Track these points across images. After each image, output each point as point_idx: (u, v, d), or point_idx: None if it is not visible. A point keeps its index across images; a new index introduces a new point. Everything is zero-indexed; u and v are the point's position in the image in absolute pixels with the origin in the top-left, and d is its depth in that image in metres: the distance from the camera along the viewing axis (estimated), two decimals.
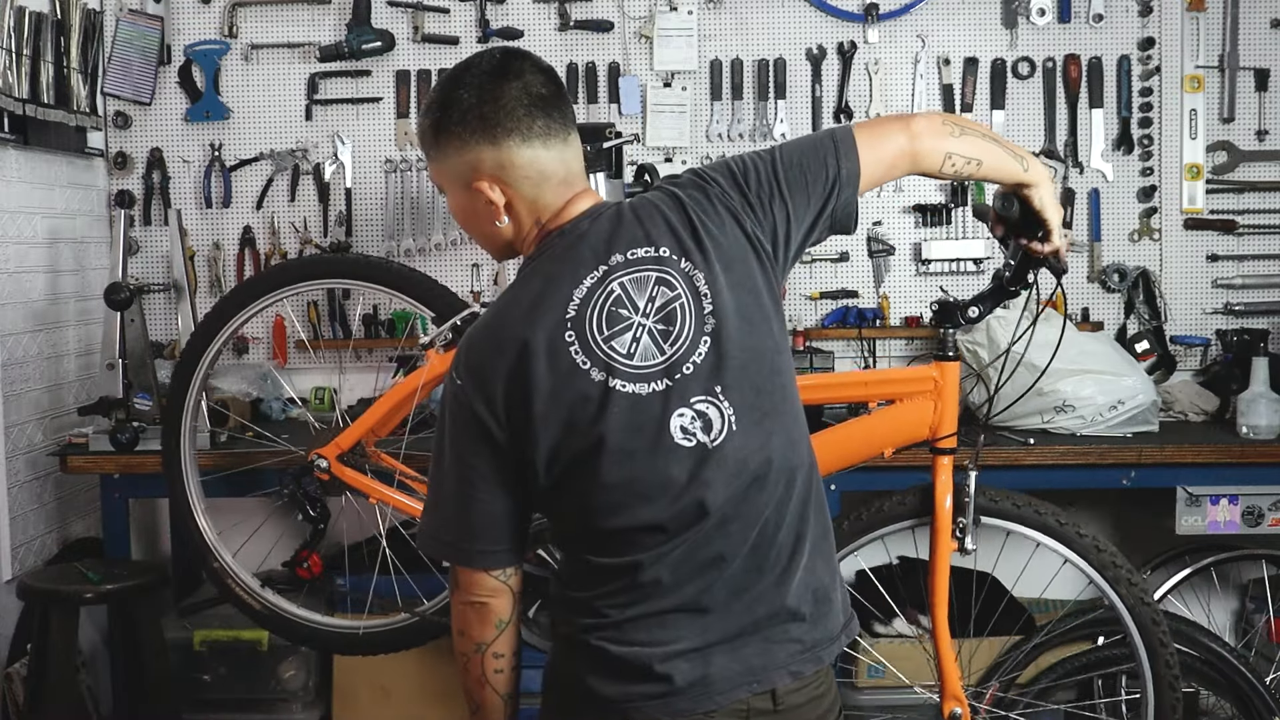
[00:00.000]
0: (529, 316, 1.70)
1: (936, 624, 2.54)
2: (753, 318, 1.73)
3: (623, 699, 1.70)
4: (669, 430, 1.67)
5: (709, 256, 1.73)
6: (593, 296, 1.70)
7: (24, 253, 3.38)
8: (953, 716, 2.51)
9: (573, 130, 1.79)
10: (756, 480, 1.70)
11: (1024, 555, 3.03)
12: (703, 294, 1.71)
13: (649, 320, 1.70)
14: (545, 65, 1.80)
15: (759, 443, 1.70)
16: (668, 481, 1.67)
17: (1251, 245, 3.81)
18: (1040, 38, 3.79)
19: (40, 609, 3.13)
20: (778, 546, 1.72)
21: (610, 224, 1.76)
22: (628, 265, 1.72)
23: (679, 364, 1.69)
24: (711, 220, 1.76)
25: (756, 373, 1.72)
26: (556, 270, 1.74)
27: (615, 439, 1.66)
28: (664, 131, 3.79)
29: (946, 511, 2.51)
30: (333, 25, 3.80)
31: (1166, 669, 2.61)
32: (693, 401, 1.68)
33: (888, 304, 3.82)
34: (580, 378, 1.67)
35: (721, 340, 1.70)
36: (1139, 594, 2.58)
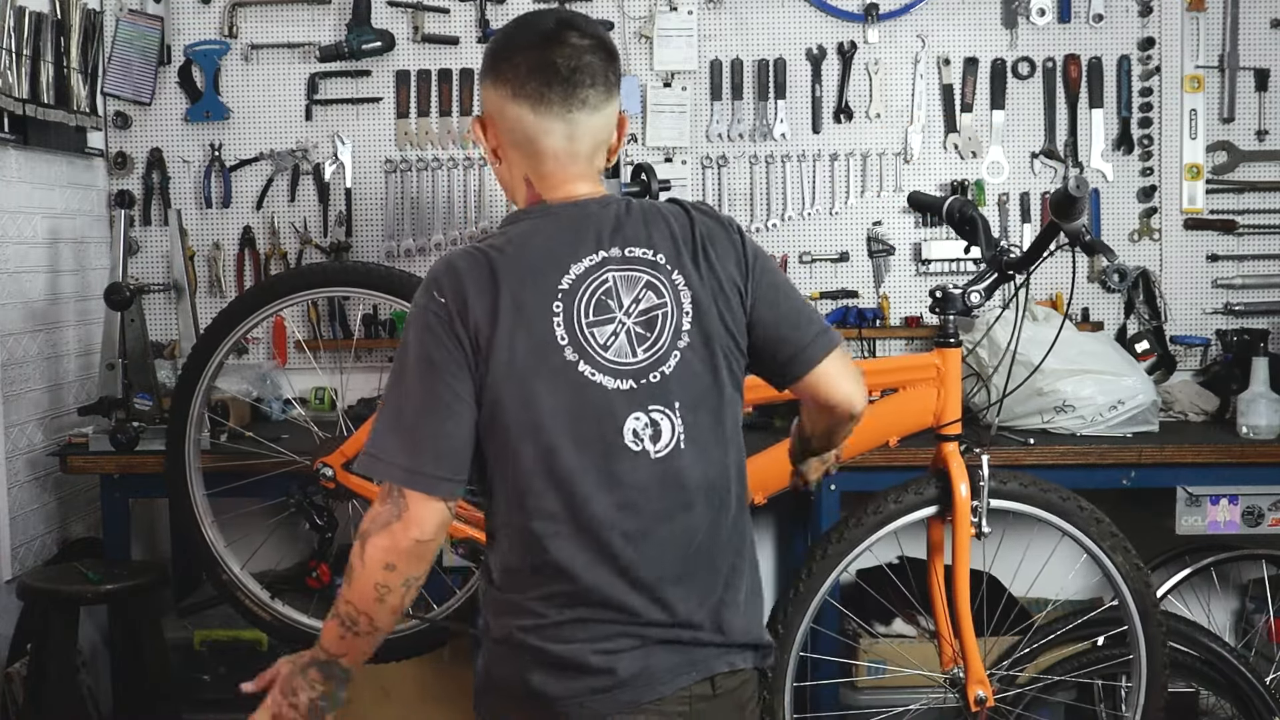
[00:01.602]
0: (523, 267, 1.71)
1: (959, 611, 2.54)
2: (721, 350, 1.76)
3: (569, 695, 1.71)
4: (623, 430, 1.70)
5: (702, 277, 1.76)
6: (588, 278, 1.72)
7: (24, 253, 3.38)
8: (978, 699, 2.53)
9: (596, 115, 1.77)
10: (692, 498, 1.73)
11: (1022, 555, 3.05)
12: (685, 310, 1.74)
13: (630, 320, 1.73)
14: (599, 43, 1.78)
15: (702, 465, 1.74)
16: (608, 480, 1.70)
17: (1251, 245, 3.81)
18: (1040, 38, 3.79)
19: (40, 609, 3.14)
20: (708, 564, 1.76)
21: (617, 216, 1.77)
22: (624, 261, 1.74)
23: (648, 370, 1.72)
24: (715, 249, 1.78)
25: (715, 400, 1.76)
26: (560, 237, 1.74)
27: (564, 420, 1.69)
28: (664, 131, 3.79)
29: (965, 497, 2.51)
30: (333, 25, 3.81)
31: (1157, 630, 2.66)
32: (650, 409, 1.71)
33: (888, 304, 3.82)
34: (553, 350, 1.69)
35: (690, 359, 1.73)
36: (1134, 561, 2.63)
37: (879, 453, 2.63)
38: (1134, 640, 2.65)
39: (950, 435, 2.54)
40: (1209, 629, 3.31)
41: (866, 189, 3.82)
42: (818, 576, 2.61)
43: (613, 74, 1.79)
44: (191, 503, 2.95)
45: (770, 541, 3.90)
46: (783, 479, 2.61)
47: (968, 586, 2.55)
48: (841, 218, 3.84)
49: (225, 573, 2.92)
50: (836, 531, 2.63)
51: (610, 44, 1.81)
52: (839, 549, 2.61)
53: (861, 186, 3.82)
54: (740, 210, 3.83)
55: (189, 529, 2.97)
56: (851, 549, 2.61)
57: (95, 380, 3.46)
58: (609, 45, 1.80)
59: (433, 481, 1.70)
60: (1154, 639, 2.66)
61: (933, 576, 2.62)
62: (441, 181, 3.82)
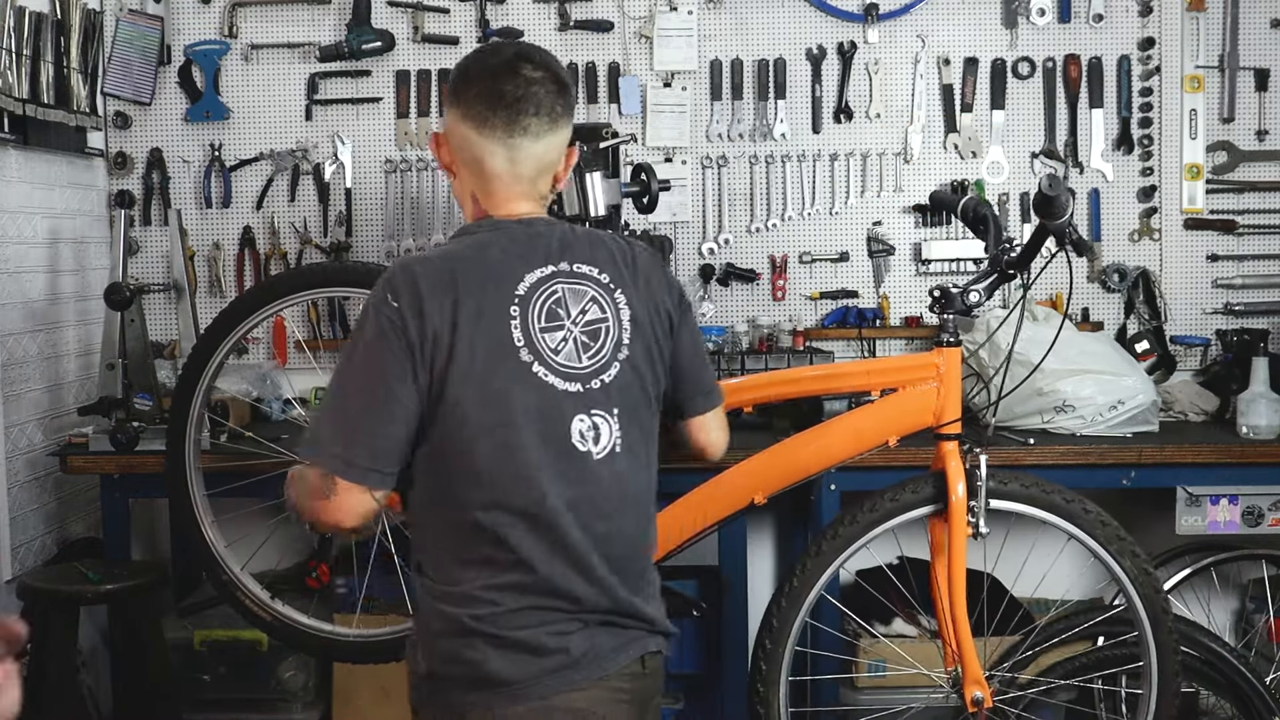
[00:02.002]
0: (482, 275, 1.83)
1: (955, 612, 2.54)
2: (651, 369, 1.92)
3: (527, 678, 1.81)
4: (571, 430, 1.83)
5: (641, 301, 1.92)
6: (540, 288, 1.86)
7: (24, 253, 3.38)
8: (975, 700, 2.53)
9: (538, 142, 1.90)
10: (624, 500, 1.88)
11: (1024, 555, 3.05)
12: (625, 326, 1.89)
13: (577, 329, 1.86)
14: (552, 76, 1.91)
15: (633, 470, 1.89)
16: (562, 476, 1.82)
17: (1251, 245, 3.81)
18: (1040, 38, 3.79)
19: (40, 609, 3.14)
20: (635, 560, 1.91)
21: (563, 235, 1.93)
22: (572, 276, 1.88)
23: (592, 376, 1.85)
24: (652, 278, 1.96)
25: (644, 413, 1.92)
26: (513, 249, 1.88)
27: (527, 418, 1.80)
28: (664, 131, 3.79)
29: (961, 497, 2.51)
30: (333, 25, 3.81)
31: (1169, 637, 2.61)
32: (592, 412, 1.84)
33: (888, 304, 3.82)
34: (511, 353, 1.81)
35: (627, 372, 1.88)
36: (1143, 565, 2.59)
37: (879, 453, 2.62)
38: (1144, 647, 2.61)
39: (950, 435, 2.54)
40: (1209, 629, 3.31)
41: (866, 189, 3.82)
42: (813, 572, 2.62)
43: (560, 106, 1.91)
44: (191, 503, 2.95)
45: (770, 541, 3.90)
46: (782, 479, 2.62)
47: (964, 587, 2.54)
48: (841, 218, 3.84)
49: (225, 573, 2.91)
50: (832, 528, 2.63)
51: (563, 78, 1.93)
52: (834, 545, 2.61)
53: (861, 186, 3.82)
54: (740, 210, 3.83)
55: (189, 529, 2.97)
56: (847, 546, 2.61)
57: (95, 380, 3.46)
58: (561, 79, 1.92)
59: (364, 473, 1.81)
60: (1165, 646, 2.61)
61: (935, 577, 2.62)
62: (441, 181, 3.82)
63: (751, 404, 2.74)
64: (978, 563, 3.03)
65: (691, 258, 3.84)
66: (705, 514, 2.63)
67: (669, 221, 3.80)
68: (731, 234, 3.83)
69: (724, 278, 3.81)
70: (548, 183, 1.96)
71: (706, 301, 3.81)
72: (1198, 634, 3.17)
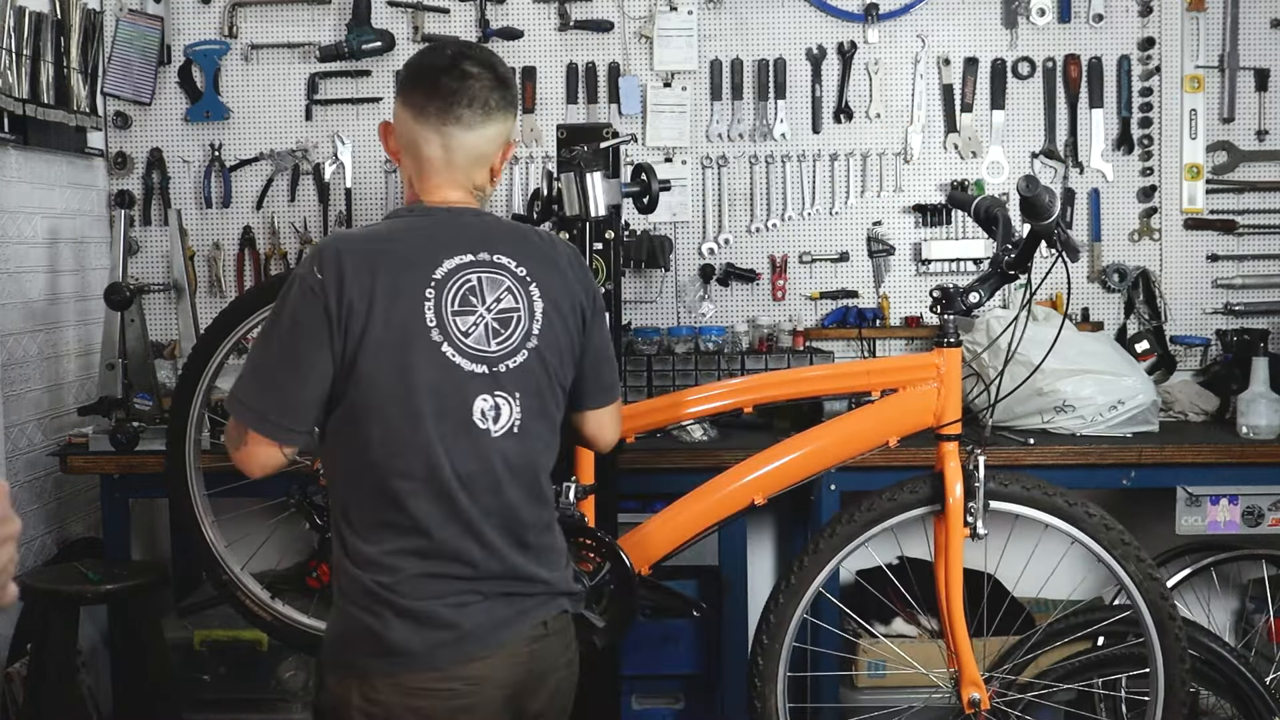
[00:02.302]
0: (402, 257, 1.95)
1: (952, 612, 2.54)
2: (558, 360, 2.02)
3: (426, 648, 1.91)
4: (471, 407, 1.94)
5: (556, 295, 2.02)
6: (457, 273, 1.96)
7: (24, 253, 3.38)
8: (972, 701, 2.52)
9: (470, 133, 2.00)
10: (517, 477, 1.98)
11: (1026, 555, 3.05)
12: (536, 317, 1.99)
13: (489, 315, 1.96)
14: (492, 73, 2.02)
15: (530, 449, 1.99)
16: (459, 449, 1.93)
17: (1251, 245, 3.81)
18: (1040, 38, 3.79)
19: (40, 609, 3.13)
20: (531, 531, 2.01)
21: (487, 226, 2.03)
22: (490, 266, 1.98)
23: (499, 360, 1.96)
24: (570, 274, 2.06)
25: (548, 400, 2.02)
26: (436, 235, 1.99)
27: (429, 392, 1.91)
28: (664, 131, 3.79)
29: (959, 498, 2.51)
30: (333, 25, 3.81)
31: (1176, 643, 2.60)
32: (495, 393, 1.95)
33: (888, 304, 3.82)
34: (422, 331, 1.92)
35: (534, 359, 1.98)
36: (1148, 570, 2.58)
37: (879, 453, 2.63)
38: (1150, 653, 2.61)
39: (950, 435, 2.54)
40: (1209, 629, 3.31)
41: (866, 189, 3.82)
42: (810, 569, 2.63)
43: (494, 100, 2.01)
44: (191, 503, 2.94)
45: (770, 541, 3.90)
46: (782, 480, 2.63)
47: (961, 587, 2.55)
48: (841, 218, 3.84)
49: (225, 573, 2.91)
50: (830, 527, 2.64)
51: (502, 76, 2.04)
52: (832, 543, 2.62)
53: (861, 186, 3.82)
54: (740, 210, 3.83)
55: (189, 529, 2.96)
56: (845, 544, 2.62)
57: (95, 380, 3.46)
58: (501, 77, 2.03)
59: (274, 429, 1.95)
60: (1172, 652, 2.60)
61: (938, 577, 2.62)
62: None
63: (752, 404, 2.74)
64: (979, 564, 3.04)
65: (691, 258, 3.84)
66: (705, 514, 2.64)
67: (669, 221, 3.80)
68: (731, 234, 3.83)
69: (724, 278, 3.81)
70: (483, 174, 2.06)
71: (706, 301, 3.81)
72: (1198, 634, 3.17)
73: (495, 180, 2.10)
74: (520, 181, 3.81)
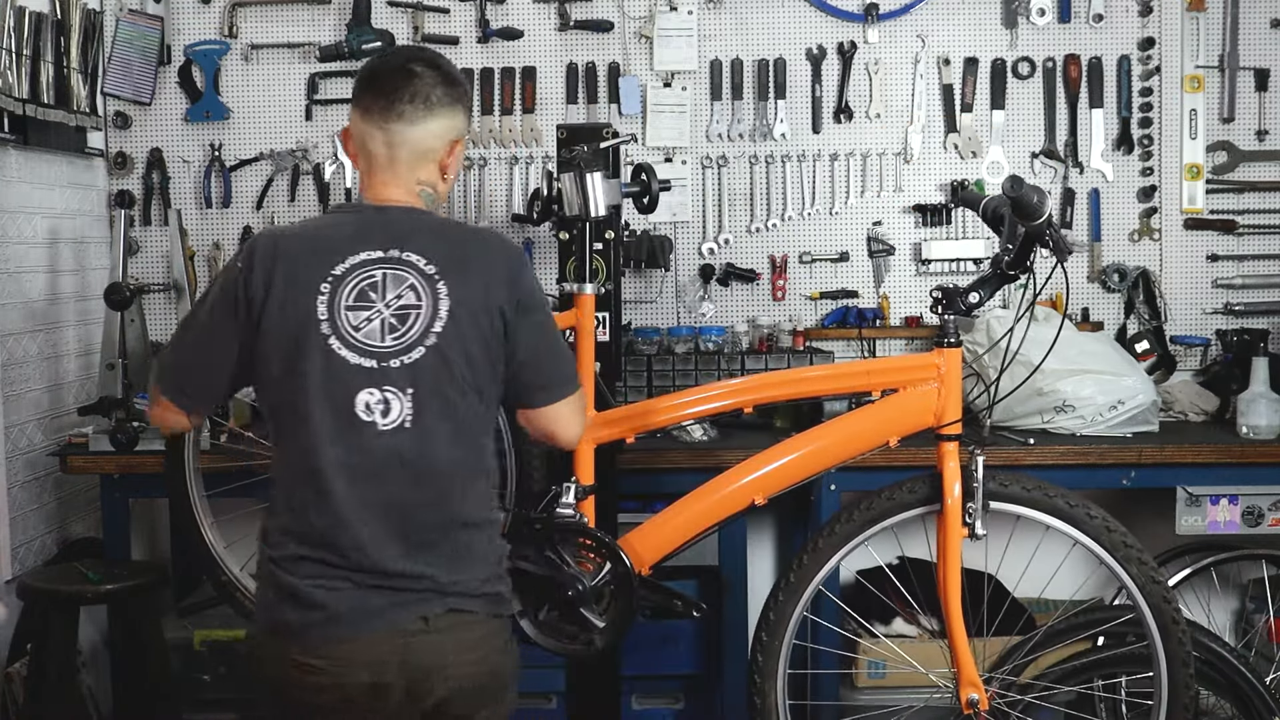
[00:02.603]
0: (306, 250, 2.03)
1: (950, 613, 2.54)
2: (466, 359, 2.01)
3: (300, 625, 1.99)
4: (354, 399, 1.98)
5: (466, 295, 2.01)
6: (361, 268, 2.01)
7: (24, 253, 3.38)
8: (970, 702, 2.53)
9: (413, 128, 2.07)
10: (409, 470, 1.99)
11: (1027, 555, 3.05)
12: (440, 315, 2.00)
13: (387, 311, 2.00)
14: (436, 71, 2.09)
15: (425, 449, 2.00)
16: (339, 439, 1.98)
17: (1251, 245, 3.81)
18: (1040, 38, 3.79)
19: (40, 609, 3.14)
20: (427, 530, 2.01)
21: (413, 225, 2.07)
22: (397, 262, 2.02)
23: (391, 355, 1.99)
24: (490, 275, 2.04)
25: (451, 398, 2.01)
26: (349, 231, 2.05)
27: (313, 382, 1.98)
28: (664, 131, 3.79)
29: (956, 498, 2.51)
30: (333, 25, 3.81)
31: (1179, 647, 2.59)
32: (384, 388, 1.98)
33: (888, 304, 3.82)
34: (313, 323, 1.99)
35: (433, 356, 1.99)
36: (1150, 573, 2.57)
37: (879, 453, 2.63)
38: (1154, 655, 2.60)
39: (950, 435, 2.54)
40: (1209, 629, 3.31)
41: (866, 189, 3.82)
42: (809, 568, 2.64)
43: (436, 96, 2.08)
44: (191, 503, 2.95)
45: (770, 541, 3.90)
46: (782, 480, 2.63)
47: (958, 588, 2.54)
48: (841, 218, 3.84)
49: (225, 573, 2.91)
50: (829, 526, 2.64)
51: (449, 74, 2.11)
52: (831, 542, 2.63)
53: (861, 186, 3.82)
54: (740, 210, 3.83)
55: (189, 529, 2.97)
56: (845, 543, 2.62)
57: (95, 380, 3.46)
58: (447, 75, 2.11)
59: (175, 393, 2.12)
60: (1175, 655, 2.58)
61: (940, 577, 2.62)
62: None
63: (752, 404, 2.74)
64: (979, 564, 3.04)
65: (691, 258, 3.84)
66: (705, 514, 2.64)
67: (669, 221, 3.80)
68: (731, 234, 3.83)
69: (724, 278, 3.81)
70: (430, 172, 2.12)
71: (706, 301, 3.81)
72: (1198, 634, 3.16)
73: (447, 178, 2.15)
74: (520, 181, 3.81)
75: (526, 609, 2.61)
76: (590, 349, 2.70)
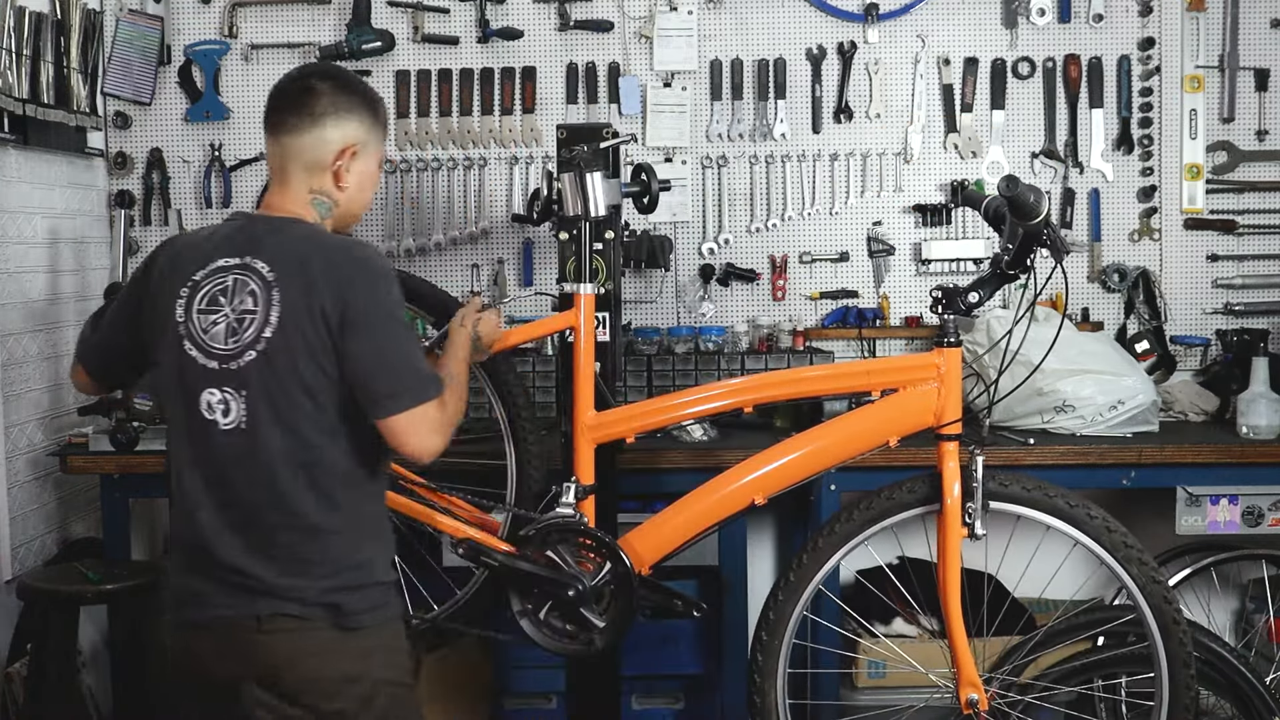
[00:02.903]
0: (180, 256, 2.16)
1: (949, 613, 2.54)
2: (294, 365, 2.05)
3: (172, 604, 2.17)
4: (199, 398, 2.08)
5: (295, 302, 2.05)
6: (216, 275, 2.10)
7: (24, 253, 3.38)
8: (969, 701, 2.53)
9: (298, 138, 2.16)
10: (245, 471, 2.07)
11: (1027, 556, 3.05)
12: (270, 321, 2.06)
13: (231, 315, 2.08)
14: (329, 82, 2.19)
15: (265, 448, 2.06)
16: (188, 437, 2.11)
17: (1251, 245, 3.81)
18: (1040, 38, 3.79)
19: (40, 609, 3.13)
20: (266, 528, 2.08)
21: (270, 233, 2.13)
22: (245, 269, 2.09)
23: (231, 358, 2.07)
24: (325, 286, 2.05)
25: (282, 402, 2.06)
26: (218, 240, 2.15)
27: (171, 379, 2.11)
28: (664, 131, 3.79)
29: (956, 498, 2.51)
30: (333, 25, 3.81)
31: (1180, 647, 2.58)
32: (224, 388, 2.07)
33: (888, 304, 3.82)
34: (172, 324, 2.11)
35: (263, 361, 2.05)
36: (1151, 573, 2.57)
37: (879, 453, 2.63)
38: (1155, 656, 2.60)
39: (950, 435, 2.54)
40: (1209, 629, 3.31)
41: (866, 189, 3.82)
42: (809, 567, 2.64)
43: (322, 107, 2.16)
44: None
45: (770, 541, 3.90)
46: (782, 480, 2.63)
47: (958, 587, 2.55)
48: (841, 218, 3.84)
49: None
50: (829, 525, 2.64)
51: (344, 85, 2.20)
52: (831, 541, 2.63)
53: (861, 186, 3.83)
54: (740, 210, 3.83)
55: None
56: (844, 542, 2.63)
57: None
58: (342, 87, 2.19)
59: (82, 355, 2.33)
60: (1177, 656, 2.58)
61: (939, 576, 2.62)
62: (441, 181, 3.82)
63: (752, 404, 2.74)
64: (979, 564, 3.04)
65: (691, 258, 3.84)
66: (705, 514, 2.64)
67: (669, 221, 3.80)
68: (731, 234, 3.83)
69: (724, 278, 3.81)
70: (323, 181, 2.18)
71: (706, 301, 3.81)
72: (1198, 634, 3.16)
73: (343, 187, 2.19)
74: (520, 181, 3.81)
75: (527, 609, 2.61)
76: (590, 349, 2.69)
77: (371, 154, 2.23)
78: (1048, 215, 2.43)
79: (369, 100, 2.23)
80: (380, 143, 2.26)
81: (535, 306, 3.67)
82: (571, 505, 2.60)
